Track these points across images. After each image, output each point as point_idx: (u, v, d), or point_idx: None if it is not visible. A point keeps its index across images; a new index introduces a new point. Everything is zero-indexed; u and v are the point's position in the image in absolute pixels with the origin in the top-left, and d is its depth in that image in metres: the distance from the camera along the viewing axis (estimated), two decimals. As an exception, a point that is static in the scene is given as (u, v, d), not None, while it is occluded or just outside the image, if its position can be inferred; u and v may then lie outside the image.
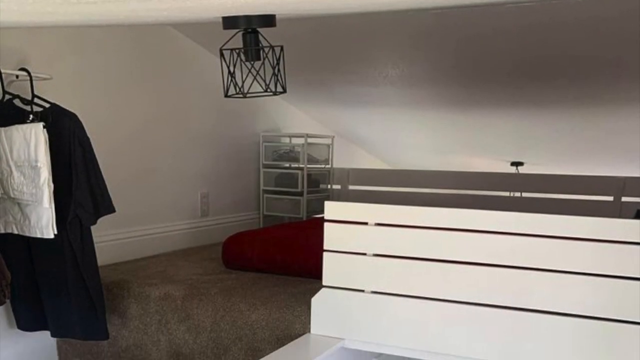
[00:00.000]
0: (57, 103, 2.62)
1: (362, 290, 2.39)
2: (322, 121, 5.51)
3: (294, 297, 2.70)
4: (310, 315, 2.50)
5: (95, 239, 2.70)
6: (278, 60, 2.28)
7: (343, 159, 5.52)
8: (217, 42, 2.28)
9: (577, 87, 3.91)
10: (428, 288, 2.28)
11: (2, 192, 2.54)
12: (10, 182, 2.51)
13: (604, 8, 2.66)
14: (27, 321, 2.74)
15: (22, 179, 2.48)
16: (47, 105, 2.61)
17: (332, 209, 2.43)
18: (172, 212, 3.84)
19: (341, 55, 3.80)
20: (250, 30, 2.16)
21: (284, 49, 2.28)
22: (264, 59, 2.24)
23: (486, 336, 2.20)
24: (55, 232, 2.50)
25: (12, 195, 2.51)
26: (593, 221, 2.06)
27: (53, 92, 2.72)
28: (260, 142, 4.68)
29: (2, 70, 2.60)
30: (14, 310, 2.73)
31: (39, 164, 2.44)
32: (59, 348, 3.03)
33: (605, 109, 4.37)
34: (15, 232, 2.59)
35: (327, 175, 4.97)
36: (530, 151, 5.91)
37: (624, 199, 4.18)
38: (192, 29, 3.68)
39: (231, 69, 2.26)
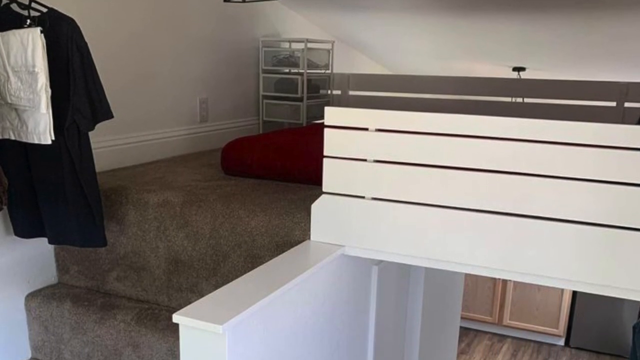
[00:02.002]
0: (55, 7, 2.57)
1: (362, 197, 2.38)
2: (322, 26, 5.44)
3: (294, 204, 2.69)
4: (310, 222, 2.49)
5: (93, 145, 2.68)
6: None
7: (343, 64, 5.47)
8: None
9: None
10: (428, 194, 2.27)
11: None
12: (8, 88, 2.47)
13: None
14: (24, 228, 2.73)
15: (20, 84, 2.45)
16: (45, 10, 2.56)
17: (332, 115, 2.40)
18: (171, 117, 3.81)
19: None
20: None
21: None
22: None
23: (487, 243, 2.20)
24: (53, 138, 2.48)
25: (9, 101, 2.48)
26: (595, 127, 2.03)
27: (50, -4, 2.67)
28: (260, 47, 4.62)
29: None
30: (11, 217, 2.72)
31: (36, 69, 2.40)
32: (57, 255, 3.04)
33: (609, 14, 4.30)
34: (13, 138, 2.56)
35: (327, 80, 4.93)
36: (532, 56, 5.85)
37: (626, 104, 4.16)
38: None
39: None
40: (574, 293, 6.61)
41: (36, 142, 2.50)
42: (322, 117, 2.33)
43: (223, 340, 1.78)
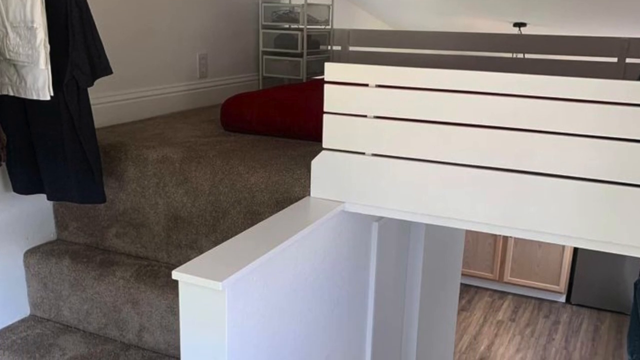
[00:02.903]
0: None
1: (363, 153, 2.37)
2: (322, -19, 5.40)
3: (294, 160, 2.68)
4: (310, 178, 2.48)
5: (92, 101, 2.67)
6: None
7: (343, 20, 5.43)
8: None
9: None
10: (429, 150, 2.25)
11: (-2, 53, 2.49)
12: (6, 44, 2.45)
13: None
14: (23, 184, 2.73)
15: (18, 40, 2.43)
16: (43, -35, 2.53)
17: (332, 71, 2.38)
18: (170, 73, 3.79)
19: None
20: None
21: None
22: None
23: (488, 199, 2.19)
24: (52, 94, 2.46)
25: (7, 57, 2.47)
26: (597, 83, 2.02)
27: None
28: (259, 2, 4.59)
29: None
30: (9, 173, 2.71)
31: (34, 25, 2.38)
32: (56, 212, 3.03)
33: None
34: (11, 93, 2.54)
35: (327, 36, 4.89)
36: (533, 12, 5.80)
37: (628, 60, 4.13)
38: None
39: None
40: (575, 250, 6.62)
41: (35, 98, 2.48)
42: (322, 73, 2.31)
43: (223, 296, 1.78)
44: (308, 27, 4.54)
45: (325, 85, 2.39)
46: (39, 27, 2.39)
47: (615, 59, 4.15)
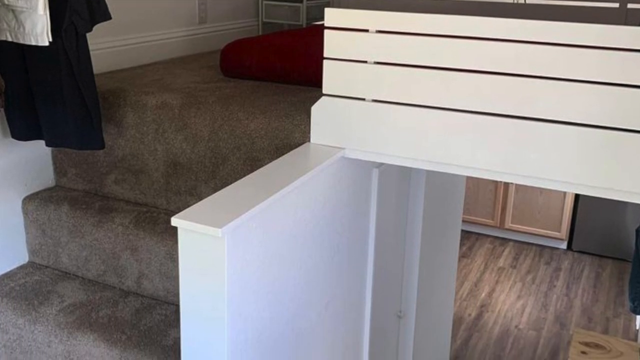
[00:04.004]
0: None
1: (363, 99, 2.35)
2: None
3: (294, 106, 2.66)
4: (310, 124, 2.47)
5: (91, 47, 2.64)
6: None
7: (345, -36, 5.35)
8: None
9: None
10: (430, 96, 2.24)
11: (-5, -2, 2.47)
12: (4, -12, 2.43)
13: None
14: (21, 130, 2.71)
15: (16, -15, 2.41)
16: None
17: (332, 16, 2.35)
18: (170, 19, 3.76)
19: None
20: None
21: None
22: None
23: (489, 145, 2.18)
24: (50, 40, 2.44)
25: (6, 2, 2.44)
26: (598, 28, 2.00)
27: None
28: (259, -54, 4.54)
29: None
30: (8, 120, 2.69)
31: (33, -30, 2.36)
32: (54, 158, 3.02)
33: None
34: (10, 39, 2.52)
35: (328, -19, 4.85)
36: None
37: (629, 5, 4.08)
38: None
39: None
40: (576, 196, 6.61)
41: (33, 43, 2.47)
42: (322, 18, 2.29)
43: (222, 243, 1.77)
44: (309, -29, 4.50)
45: (325, 31, 2.37)
46: (37, -28, 2.36)
47: (617, 5, 4.10)
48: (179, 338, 2.41)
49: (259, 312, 1.98)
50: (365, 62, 2.32)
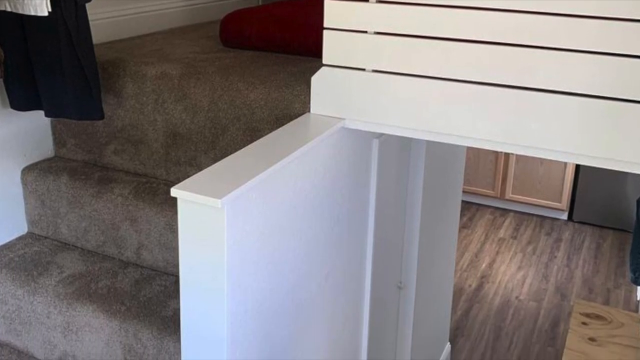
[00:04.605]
0: None
1: (363, 69, 2.34)
2: None
3: (294, 76, 2.65)
4: (310, 94, 2.46)
5: (90, 17, 2.62)
6: None
7: None
8: None
9: None
10: (430, 66, 2.22)
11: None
12: (3, -42, 2.42)
13: None
14: (20, 100, 2.70)
15: (15, -46, 2.39)
16: None
17: (332, -15, 2.34)
18: (169, -12, 3.74)
19: None
20: None
21: None
22: None
23: (489, 115, 2.17)
24: (49, 10, 2.44)
25: (4, -28, 2.43)
26: (600, -3, 1.98)
27: None
28: None
29: None
30: (7, 90, 2.68)
31: (30, -62, 2.35)
32: (53, 128, 3.01)
33: None
34: (9, 9, 2.51)
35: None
36: None
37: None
38: None
39: None
40: (577, 167, 6.60)
41: (32, 13, 2.46)
42: (323, -12, 2.30)
43: (222, 214, 1.77)
44: (309, -60, 4.46)
45: (326, 1, 2.35)
46: (36, -59, 2.35)
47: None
48: (178, 309, 2.42)
49: (259, 282, 1.98)
50: (366, 32, 2.30)
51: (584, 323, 2.59)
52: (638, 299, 5.38)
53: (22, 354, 2.66)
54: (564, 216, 6.81)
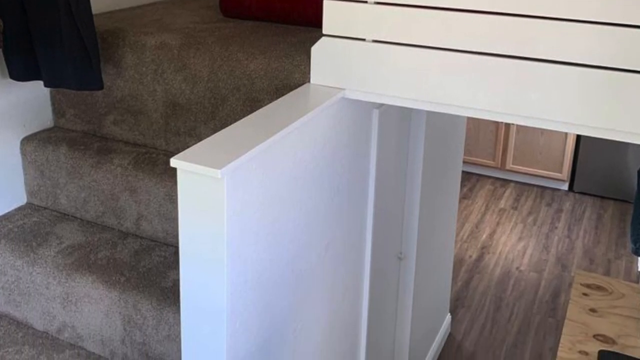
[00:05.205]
0: None
1: (363, 39, 2.33)
2: None
3: (294, 47, 2.64)
4: (310, 64, 2.45)
5: (90, -14, 2.62)
6: None
7: None
8: None
9: None
10: (430, 37, 2.21)
11: None
12: None
13: None
14: (19, 71, 2.70)
15: None
16: None
17: (332, -46, 2.32)
18: (168, -43, 3.72)
19: None
20: None
21: None
22: None
23: (490, 86, 2.16)
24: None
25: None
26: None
27: None
28: None
29: None
30: (6, 60, 2.67)
31: None
32: (53, 98, 3.01)
33: None
34: (7, -22, 2.51)
35: None
36: None
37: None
38: None
39: None
40: (578, 137, 6.59)
41: (30, -18, 2.45)
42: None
43: (222, 184, 1.77)
44: None
45: (325, -31, 2.34)
46: None
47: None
48: (178, 280, 2.42)
49: (259, 253, 1.98)
50: (366, 2, 2.29)
51: (584, 294, 2.60)
52: (639, 269, 5.38)
53: (21, 325, 2.67)
54: (565, 187, 6.81)
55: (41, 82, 2.77)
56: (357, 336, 2.88)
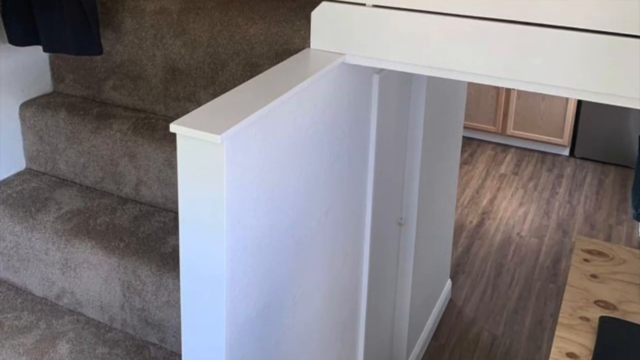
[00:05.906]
0: None
1: (363, 4, 2.31)
2: None
3: (293, 11, 2.62)
4: (310, 29, 2.43)
5: (88, -50, 2.60)
6: None
7: None
8: None
9: None
10: (431, 1, 2.19)
11: None
12: None
13: None
14: (18, 35, 2.68)
15: None
16: None
17: None
18: None
19: None
20: None
21: None
22: None
23: (490, 51, 2.14)
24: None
25: None
26: None
27: None
28: None
29: None
30: (4, 24, 2.66)
31: None
32: (52, 64, 2.99)
33: None
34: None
35: None
36: None
37: None
38: None
39: None
40: (579, 102, 6.56)
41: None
42: None
43: (221, 150, 1.76)
44: None
45: None
46: None
47: None
48: (177, 245, 2.41)
49: (259, 219, 1.98)
50: (366, -34, 2.28)
51: (585, 260, 2.60)
52: None
53: (20, 291, 2.67)
54: (566, 152, 6.79)
55: (40, 47, 2.76)
56: (357, 302, 2.89)
